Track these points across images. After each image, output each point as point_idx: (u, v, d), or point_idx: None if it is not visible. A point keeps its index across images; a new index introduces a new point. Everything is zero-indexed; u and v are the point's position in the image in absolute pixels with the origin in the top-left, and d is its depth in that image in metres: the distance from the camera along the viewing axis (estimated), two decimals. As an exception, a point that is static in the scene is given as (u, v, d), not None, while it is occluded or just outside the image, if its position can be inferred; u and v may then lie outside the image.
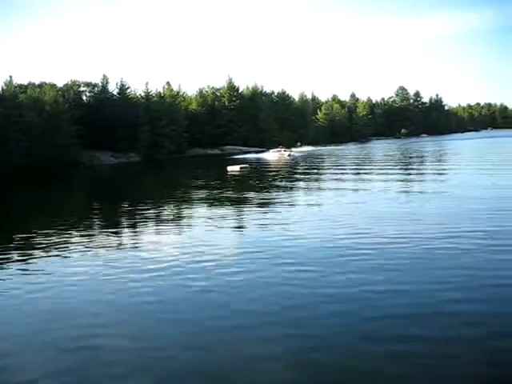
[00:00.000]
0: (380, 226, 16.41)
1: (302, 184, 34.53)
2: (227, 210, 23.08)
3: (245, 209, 23.62)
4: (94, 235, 18.42)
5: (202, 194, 31.70)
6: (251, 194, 29.65)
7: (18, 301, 11.62)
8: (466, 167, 38.53)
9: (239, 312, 9.91)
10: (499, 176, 31.01)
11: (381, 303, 9.89)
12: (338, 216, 18.92)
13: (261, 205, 24.08)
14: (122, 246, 16.05)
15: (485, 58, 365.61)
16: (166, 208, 25.17)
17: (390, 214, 18.60)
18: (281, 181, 38.27)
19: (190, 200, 28.42)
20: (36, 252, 16.45)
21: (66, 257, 15.16)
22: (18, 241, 18.73)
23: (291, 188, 31.90)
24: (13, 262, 15.22)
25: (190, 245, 15.40)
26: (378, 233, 15.36)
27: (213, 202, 26.63)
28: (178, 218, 21.53)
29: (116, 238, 17.51)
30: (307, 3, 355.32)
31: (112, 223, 21.47)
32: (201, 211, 23.41)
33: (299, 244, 14.85)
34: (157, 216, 22.59)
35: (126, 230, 19.69)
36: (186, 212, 23.24)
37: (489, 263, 12.20)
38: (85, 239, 17.56)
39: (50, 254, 15.90)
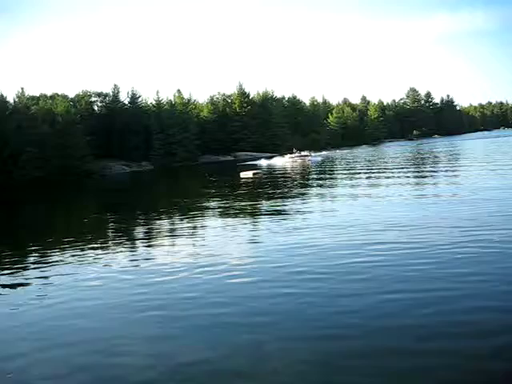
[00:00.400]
0: (394, 232, 16.03)
1: (315, 190, 34.09)
2: (240, 218, 22.80)
3: (258, 216, 23.32)
4: (105, 247, 18.23)
5: (215, 201, 31.43)
6: (264, 201, 29.35)
7: (26, 312, 11.39)
8: (478, 168, 37.97)
9: (255, 325, 9.61)
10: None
11: (398, 312, 9.55)
12: (351, 222, 18.58)
13: (274, 212, 23.74)
14: (133, 257, 15.89)
15: (495, 57, 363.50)
16: (178, 217, 24.96)
17: (403, 219, 18.18)
18: (295, 187, 37.87)
19: (202, 208, 28.14)
20: (46, 263, 16.26)
21: (75, 268, 15.04)
22: (27, 253, 18.58)
23: (305, 194, 31.48)
24: (19, 275, 15.04)
25: (202, 255, 15.18)
26: (393, 239, 15.00)
27: (226, 210, 26.34)
28: (190, 227, 21.26)
29: (128, 249, 17.36)
30: (315, 8, 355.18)
31: (124, 234, 21.32)
32: (214, 220, 23.13)
33: (313, 252, 14.52)
34: (169, 226, 22.41)
35: (138, 240, 19.49)
36: (198, 221, 22.94)
37: (506, 269, 11.75)
38: (95, 251, 17.38)
39: (60, 266, 15.69)
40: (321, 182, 40.31)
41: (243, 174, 52.88)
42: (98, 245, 18.79)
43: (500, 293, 10.18)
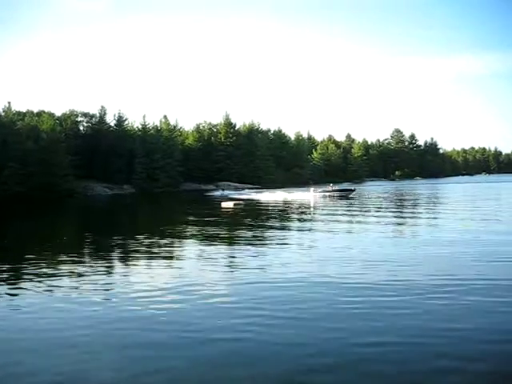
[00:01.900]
0: (372, 271, 16.15)
1: (296, 224, 34.20)
2: (219, 248, 22.73)
3: (237, 248, 23.30)
4: (80, 270, 18.04)
5: (194, 230, 31.40)
6: (244, 232, 29.34)
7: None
8: (458, 213, 38.37)
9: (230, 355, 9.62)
10: (490, 223, 30.66)
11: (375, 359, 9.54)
12: (327, 259, 18.64)
13: (253, 244, 23.76)
14: (108, 283, 15.71)
15: (478, 102, 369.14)
16: (156, 243, 24.78)
17: (381, 259, 18.34)
18: (275, 219, 37.95)
19: (181, 236, 28.01)
20: (22, 282, 16.16)
21: (48, 291, 14.83)
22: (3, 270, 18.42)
23: (285, 228, 31.58)
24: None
25: (178, 284, 15.10)
26: (370, 279, 15.09)
27: (205, 239, 26.26)
28: (168, 255, 21.19)
29: (103, 274, 17.16)
30: (302, 45, 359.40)
31: (100, 258, 21.08)
32: (192, 248, 23.03)
33: (287, 287, 14.54)
34: (146, 251, 22.24)
35: (114, 265, 19.36)
36: (176, 249, 22.88)
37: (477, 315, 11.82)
38: (71, 274, 17.21)
39: (33, 285, 15.59)
40: (301, 216, 40.39)
41: (224, 204, 53.15)
42: (71, 266, 18.61)
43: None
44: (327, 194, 69.74)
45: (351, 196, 67.31)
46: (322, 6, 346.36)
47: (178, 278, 15.98)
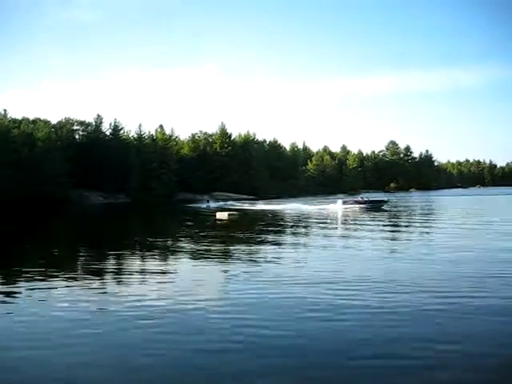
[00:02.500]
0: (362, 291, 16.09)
1: (289, 238, 34.17)
2: (214, 261, 22.72)
3: (226, 260, 23.31)
4: (66, 281, 18.01)
5: (189, 241, 31.38)
6: (238, 244, 29.33)
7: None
8: (452, 227, 38.44)
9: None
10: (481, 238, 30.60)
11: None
12: (317, 276, 18.57)
13: (249, 255, 23.80)
14: (100, 295, 15.68)
15: (474, 115, 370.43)
16: (149, 254, 24.76)
17: (373, 278, 18.25)
18: (268, 231, 37.89)
19: (176, 247, 27.98)
20: (12, 291, 16.15)
21: (42, 301, 14.80)
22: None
23: (278, 241, 31.48)
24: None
25: (171, 295, 15.11)
26: (362, 298, 15.06)
27: (199, 251, 26.22)
28: (161, 266, 21.18)
29: (96, 287, 17.13)
30: (298, 61, 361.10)
31: (92, 270, 21.02)
32: (186, 259, 23.02)
33: (279, 303, 14.55)
34: (139, 263, 22.22)
35: (106, 277, 19.32)
36: (170, 260, 22.89)
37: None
38: (60, 285, 17.18)
39: (24, 295, 15.57)
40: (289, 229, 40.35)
41: (219, 215, 53.18)
42: (61, 279, 18.56)
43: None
44: (357, 206, 64.32)
45: (383, 208, 64.03)
46: (314, 6, 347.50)
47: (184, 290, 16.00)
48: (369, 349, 10.42)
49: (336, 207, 64.12)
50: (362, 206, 63.60)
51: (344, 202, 66.39)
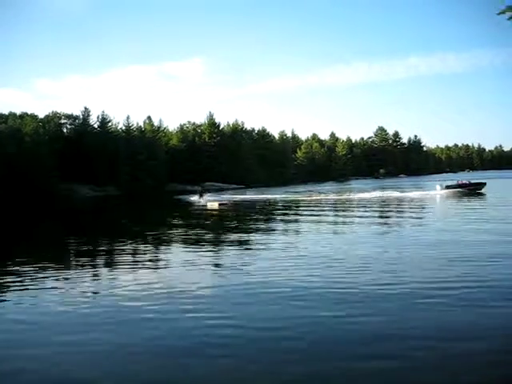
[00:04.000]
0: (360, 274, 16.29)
1: (280, 225, 34.43)
2: (205, 250, 22.93)
3: (220, 247, 23.59)
4: (58, 272, 18.25)
5: (180, 230, 31.67)
6: (229, 232, 29.67)
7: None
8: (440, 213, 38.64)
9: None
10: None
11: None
12: (312, 259, 18.84)
13: (241, 243, 24.13)
14: (92, 287, 15.91)
15: (462, 100, 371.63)
16: (140, 246, 24.96)
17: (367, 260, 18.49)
18: (259, 219, 38.18)
19: (167, 238, 28.14)
20: (6, 284, 16.37)
21: (33, 297, 14.97)
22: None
23: (267, 230, 31.78)
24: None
25: (164, 285, 15.33)
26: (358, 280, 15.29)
27: (191, 240, 26.47)
28: (153, 256, 21.39)
29: (87, 278, 17.35)
30: (285, 53, 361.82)
31: (84, 261, 21.25)
32: (178, 250, 23.21)
33: (273, 286, 14.83)
34: (131, 254, 22.43)
35: (98, 268, 19.55)
36: (162, 251, 23.10)
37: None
38: (50, 276, 17.38)
39: (16, 289, 15.78)
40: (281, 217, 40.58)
41: (210, 205, 53.24)
42: (53, 271, 18.77)
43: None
44: (456, 189, 59.59)
45: (481, 191, 59.42)
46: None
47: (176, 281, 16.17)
48: (376, 347, 10.13)
49: (437, 192, 60.00)
50: (462, 189, 59.15)
51: (447, 187, 60.81)
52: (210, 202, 56.33)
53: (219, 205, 53.03)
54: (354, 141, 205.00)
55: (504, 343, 9.92)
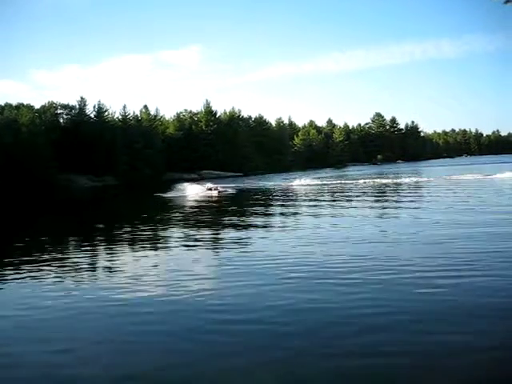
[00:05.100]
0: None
1: (278, 210, 34.52)
2: (207, 235, 23.01)
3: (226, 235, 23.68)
4: (58, 266, 18.23)
5: (180, 218, 31.72)
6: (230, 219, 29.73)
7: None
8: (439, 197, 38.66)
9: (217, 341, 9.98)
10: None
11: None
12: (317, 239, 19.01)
13: (240, 228, 24.21)
14: (92, 276, 15.98)
15: (458, 84, 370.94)
16: (141, 236, 24.93)
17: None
18: (259, 205, 38.26)
19: (165, 236, 27.91)
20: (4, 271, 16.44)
21: (33, 286, 15.00)
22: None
23: (265, 214, 31.88)
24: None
25: (169, 273, 15.39)
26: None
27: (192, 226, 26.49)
28: (153, 247, 21.44)
29: (86, 267, 17.40)
30: (281, 41, 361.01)
31: (85, 250, 21.29)
32: (177, 243, 23.14)
33: (277, 265, 15.02)
34: (133, 242, 22.49)
35: (97, 257, 19.62)
36: (161, 244, 23.01)
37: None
38: (50, 267, 17.41)
39: (16, 275, 15.86)
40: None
41: (209, 193, 52.64)
42: (55, 259, 18.79)
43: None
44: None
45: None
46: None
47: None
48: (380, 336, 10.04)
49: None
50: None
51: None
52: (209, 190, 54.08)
53: (218, 193, 52.21)
54: (351, 127, 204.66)
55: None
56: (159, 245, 21.98)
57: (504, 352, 9.06)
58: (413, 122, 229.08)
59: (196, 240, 22.41)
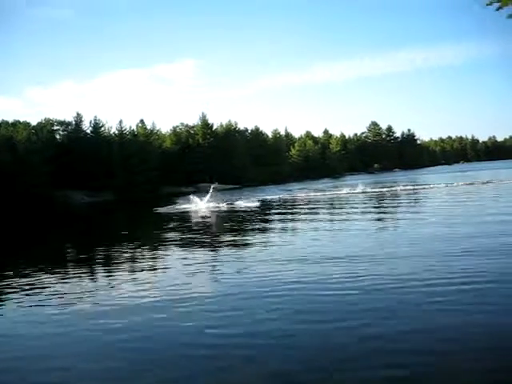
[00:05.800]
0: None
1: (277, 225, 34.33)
2: (204, 252, 22.83)
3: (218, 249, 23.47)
4: (56, 277, 18.13)
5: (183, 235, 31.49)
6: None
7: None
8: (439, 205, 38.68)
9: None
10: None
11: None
12: (310, 256, 18.82)
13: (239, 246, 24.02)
14: (89, 293, 15.82)
15: (454, 92, 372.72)
16: (138, 253, 24.74)
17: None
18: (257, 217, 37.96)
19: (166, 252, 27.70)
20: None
21: (28, 303, 14.88)
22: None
23: (264, 229, 31.67)
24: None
25: (165, 289, 15.25)
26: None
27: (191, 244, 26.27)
28: (152, 264, 21.26)
29: (84, 283, 17.29)
30: (276, 51, 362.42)
31: (81, 267, 21.16)
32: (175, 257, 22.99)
33: (275, 284, 14.82)
34: (129, 261, 22.31)
35: (94, 275, 19.46)
36: (159, 260, 22.82)
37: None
38: (49, 285, 17.27)
39: (12, 291, 15.72)
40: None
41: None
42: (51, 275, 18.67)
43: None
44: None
45: None
46: None
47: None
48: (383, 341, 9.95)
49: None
50: None
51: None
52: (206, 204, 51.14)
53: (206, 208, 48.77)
54: (347, 137, 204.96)
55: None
56: (159, 263, 21.77)
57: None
58: (409, 129, 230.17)
59: (202, 262, 22.24)
